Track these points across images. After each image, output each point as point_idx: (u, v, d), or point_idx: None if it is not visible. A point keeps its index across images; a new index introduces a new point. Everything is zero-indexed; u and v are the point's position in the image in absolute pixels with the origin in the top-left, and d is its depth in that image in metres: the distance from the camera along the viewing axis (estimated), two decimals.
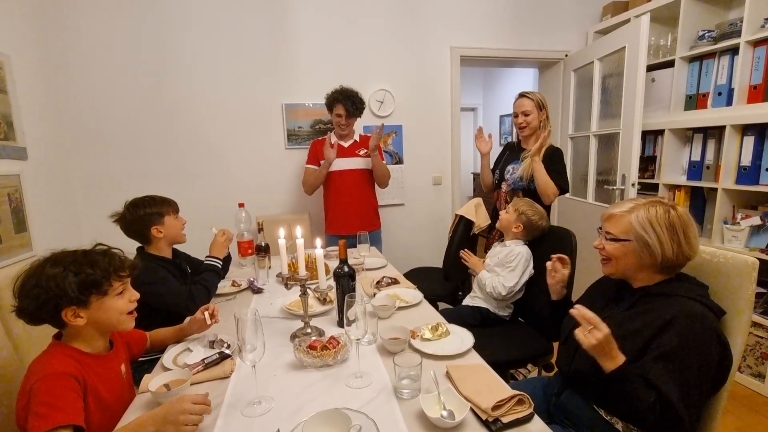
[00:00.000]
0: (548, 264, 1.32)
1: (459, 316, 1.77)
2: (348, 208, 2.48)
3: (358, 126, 2.56)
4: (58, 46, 2.39)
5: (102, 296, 0.96)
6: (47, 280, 0.90)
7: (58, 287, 0.89)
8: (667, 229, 0.97)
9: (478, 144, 2.25)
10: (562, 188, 2.02)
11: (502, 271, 1.75)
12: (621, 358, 0.91)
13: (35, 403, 0.82)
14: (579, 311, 0.93)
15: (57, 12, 2.37)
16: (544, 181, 1.96)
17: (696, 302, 0.94)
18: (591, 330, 0.90)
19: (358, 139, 2.52)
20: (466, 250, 1.95)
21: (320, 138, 2.60)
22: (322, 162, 2.45)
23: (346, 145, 2.48)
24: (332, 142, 2.47)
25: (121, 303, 1.00)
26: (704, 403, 0.92)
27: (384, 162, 2.53)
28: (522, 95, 2.09)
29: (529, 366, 2.14)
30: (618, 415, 1.00)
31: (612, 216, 1.05)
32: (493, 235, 2.24)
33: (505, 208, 1.85)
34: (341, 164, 2.44)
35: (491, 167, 2.29)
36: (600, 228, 1.12)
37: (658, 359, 0.90)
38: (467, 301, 1.89)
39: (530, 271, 1.74)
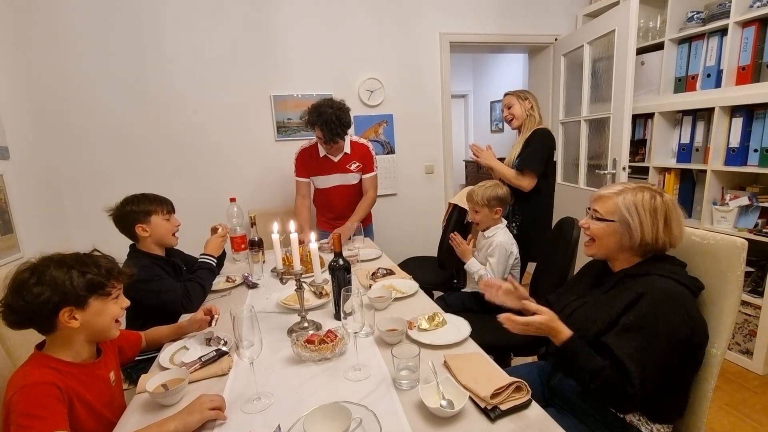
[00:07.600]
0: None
1: (461, 301, 1.81)
2: (339, 222, 2.30)
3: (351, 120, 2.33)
4: (35, 40, 2.31)
5: (104, 298, 0.95)
6: (52, 278, 0.89)
7: (64, 285, 0.89)
8: (649, 214, 1.01)
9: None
10: (530, 170, 2.09)
11: (491, 260, 1.76)
12: (567, 333, 1.00)
13: (16, 415, 0.80)
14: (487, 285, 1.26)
15: (31, 3, 2.28)
16: (502, 174, 2.19)
17: (668, 279, 0.97)
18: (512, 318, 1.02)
19: (348, 151, 2.23)
20: (455, 234, 1.91)
21: (306, 147, 2.29)
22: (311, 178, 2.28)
23: (335, 159, 2.22)
24: (321, 156, 2.23)
25: (115, 308, 1.00)
26: (664, 377, 0.93)
27: (374, 187, 2.31)
28: (506, 94, 2.33)
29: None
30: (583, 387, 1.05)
31: (601, 197, 1.11)
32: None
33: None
34: (331, 180, 2.26)
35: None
36: (589, 208, 1.16)
37: (622, 331, 0.95)
38: (468, 288, 1.92)
39: (515, 255, 1.77)
